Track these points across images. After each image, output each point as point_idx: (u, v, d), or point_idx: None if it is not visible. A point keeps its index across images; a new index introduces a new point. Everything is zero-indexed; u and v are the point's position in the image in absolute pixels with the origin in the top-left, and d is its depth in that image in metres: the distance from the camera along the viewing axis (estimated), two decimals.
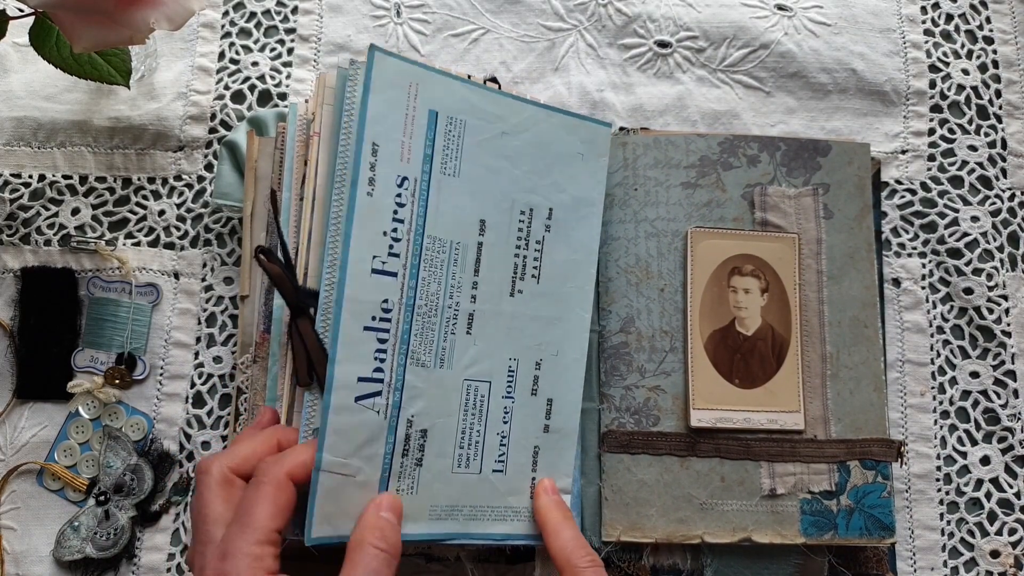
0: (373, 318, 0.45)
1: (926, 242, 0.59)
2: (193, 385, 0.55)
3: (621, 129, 0.58)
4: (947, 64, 0.62)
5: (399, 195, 0.46)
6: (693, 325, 0.51)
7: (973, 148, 0.61)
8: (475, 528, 0.47)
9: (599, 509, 0.50)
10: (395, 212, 0.45)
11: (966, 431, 0.56)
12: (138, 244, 0.57)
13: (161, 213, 0.57)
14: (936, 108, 0.61)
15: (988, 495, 0.55)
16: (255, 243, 0.52)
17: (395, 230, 0.45)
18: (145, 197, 0.58)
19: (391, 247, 0.45)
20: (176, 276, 0.56)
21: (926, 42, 0.63)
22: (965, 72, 0.62)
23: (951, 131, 0.61)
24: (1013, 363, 0.57)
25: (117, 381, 0.54)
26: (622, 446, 0.50)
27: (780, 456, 0.50)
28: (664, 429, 0.50)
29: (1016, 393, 0.57)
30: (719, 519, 0.49)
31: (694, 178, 0.53)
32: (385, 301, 0.45)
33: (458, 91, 0.48)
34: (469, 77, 0.51)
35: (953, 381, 0.57)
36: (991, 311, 0.58)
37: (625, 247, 0.52)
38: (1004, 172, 0.60)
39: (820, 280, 0.52)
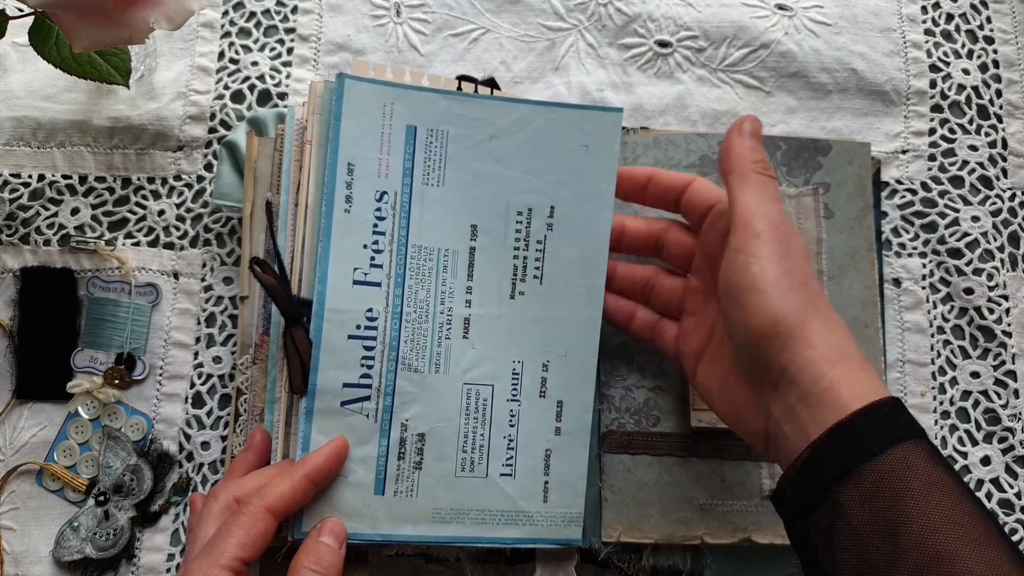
0: (358, 327, 0.46)
1: (926, 242, 0.59)
2: (193, 385, 0.55)
3: (621, 128, 0.58)
4: (947, 64, 0.62)
5: (378, 209, 0.47)
6: None
7: (974, 148, 0.60)
8: (484, 532, 0.47)
9: (599, 510, 0.49)
10: (375, 225, 0.47)
11: (967, 431, 0.56)
12: (138, 244, 0.57)
13: (161, 213, 0.57)
14: (936, 108, 0.61)
15: (989, 495, 0.55)
16: (255, 244, 0.52)
17: (376, 242, 0.47)
18: (145, 197, 0.57)
19: (372, 259, 0.46)
20: (176, 276, 0.56)
21: (926, 42, 0.62)
22: (966, 72, 0.62)
23: (951, 131, 0.61)
24: (1014, 363, 0.57)
25: (116, 381, 0.54)
26: (622, 447, 0.50)
27: None
28: (664, 429, 0.50)
29: (1017, 393, 0.57)
30: (719, 520, 0.49)
31: None
32: (370, 310, 0.46)
33: (438, 103, 0.48)
34: (460, 81, 0.51)
35: (953, 381, 0.57)
36: (992, 311, 0.58)
37: None
38: (1005, 172, 0.60)
39: (820, 280, 0.52)
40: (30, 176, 0.57)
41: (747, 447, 0.50)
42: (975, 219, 0.59)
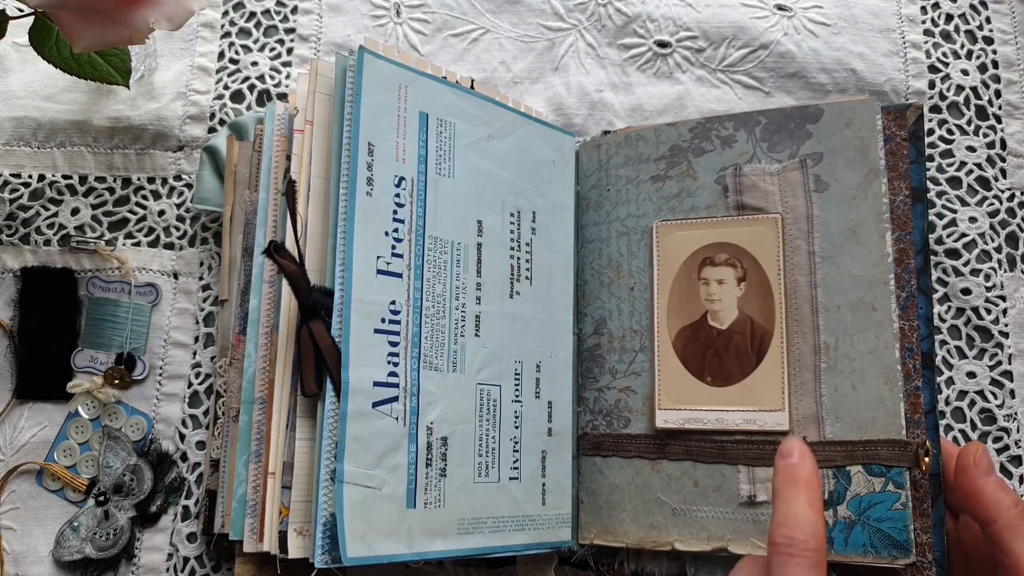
0: (383, 320, 0.43)
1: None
2: (190, 385, 0.55)
3: (605, 133, 0.57)
4: (947, 64, 0.62)
5: (398, 195, 0.45)
6: (660, 322, 0.49)
7: (972, 149, 0.61)
8: (500, 541, 0.46)
9: (576, 512, 0.49)
10: (395, 212, 0.45)
11: (962, 431, 0.56)
12: (138, 244, 0.57)
13: (161, 213, 0.57)
14: (935, 108, 0.61)
15: None
16: (234, 247, 0.52)
17: (396, 230, 0.45)
18: (145, 197, 0.58)
19: (394, 247, 0.44)
20: (175, 276, 0.56)
21: (926, 42, 0.63)
22: (965, 72, 0.62)
23: (950, 131, 0.61)
24: (1010, 363, 0.57)
25: (116, 381, 0.54)
26: (594, 448, 0.49)
27: (760, 459, 0.45)
28: (633, 431, 0.48)
29: (1013, 393, 0.57)
30: (693, 526, 0.46)
31: (663, 170, 0.51)
32: (392, 302, 0.44)
33: (445, 94, 0.48)
34: (446, 80, 0.50)
35: (950, 381, 0.57)
36: (989, 311, 0.58)
37: (598, 248, 0.52)
38: (1003, 172, 0.60)
39: (812, 262, 0.47)
40: (30, 176, 0.58)
41: (721, 448, 0.46)
42: (972, 220, 0.59)
